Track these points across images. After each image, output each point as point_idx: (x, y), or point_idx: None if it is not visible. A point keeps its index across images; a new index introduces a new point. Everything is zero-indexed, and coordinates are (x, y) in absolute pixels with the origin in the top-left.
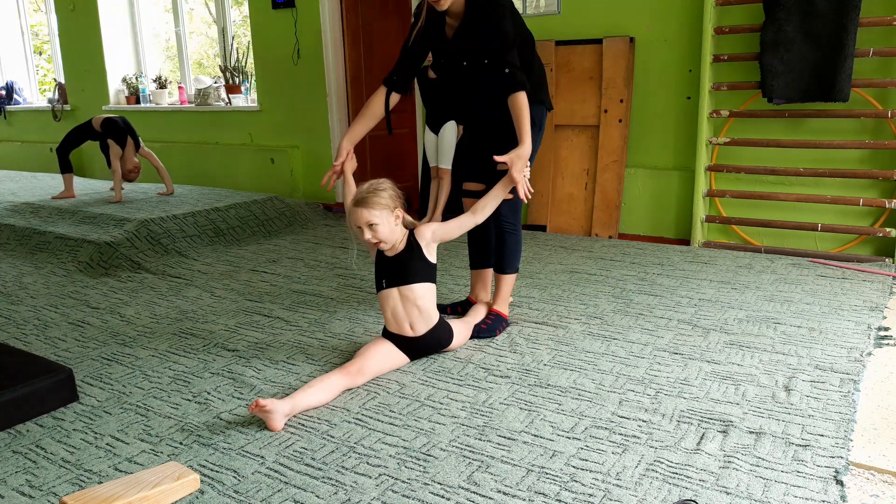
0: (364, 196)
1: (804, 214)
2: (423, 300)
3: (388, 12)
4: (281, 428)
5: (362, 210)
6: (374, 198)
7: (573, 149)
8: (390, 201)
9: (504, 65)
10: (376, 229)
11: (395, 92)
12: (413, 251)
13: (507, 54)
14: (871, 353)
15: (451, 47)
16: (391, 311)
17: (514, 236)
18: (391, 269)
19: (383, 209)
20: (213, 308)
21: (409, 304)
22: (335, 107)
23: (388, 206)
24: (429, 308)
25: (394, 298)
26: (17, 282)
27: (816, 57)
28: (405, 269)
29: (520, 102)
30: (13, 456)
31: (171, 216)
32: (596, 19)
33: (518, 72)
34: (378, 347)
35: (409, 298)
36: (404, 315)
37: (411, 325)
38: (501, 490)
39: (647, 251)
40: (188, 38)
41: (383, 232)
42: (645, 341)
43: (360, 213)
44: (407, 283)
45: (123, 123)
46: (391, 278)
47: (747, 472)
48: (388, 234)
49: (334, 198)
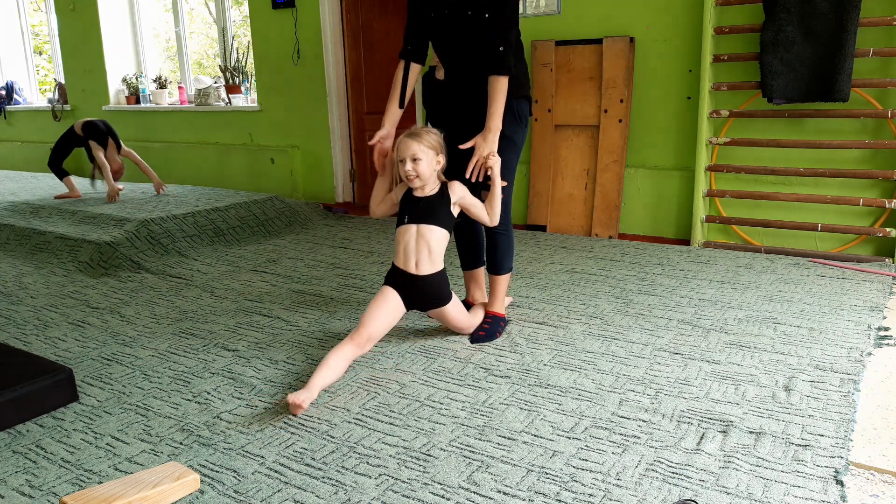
0: (417, 131)
1: (804, 214)
2: (436, 243)
3: (388, 12)
4: (302, 412)
5: (412, 142)
6: (426, 135)
7: (573, 149)
8: (437, 145)
9: (501, 41)
10: (419, 164)
11: (413, 62)
12: (443, 198)
13: (508, 29)
14: (871, 353)
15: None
16: (404, 244)
17: (505, 237)
18: (417, 208)
19: (430, 148)
20: (213, 308)
21: (422, 242)
22: (335, 107)
23: (435, 148)
24: (438, 252)
25: (410, 233)
26: (17, 282)
27: (816, 57)
28: (430, 211)
29: (499, 86)
30: (13, 456)
31: (171, 216)
32: (596, 19)
33: (510, 55)
34: (380, 305)
35: (424, 237)
36: (414, 250)
37: (418, 263)
38: (501, 490)
39: (647, 251)
40: (188, 38)
41: (424, 168)
42: (645, 341)
43: (410, 145)
44: (428, 223)
45: (104, 126)
46: (415, 215)
47: (747, 472)
48: (427, 173)
49: (334, 198)
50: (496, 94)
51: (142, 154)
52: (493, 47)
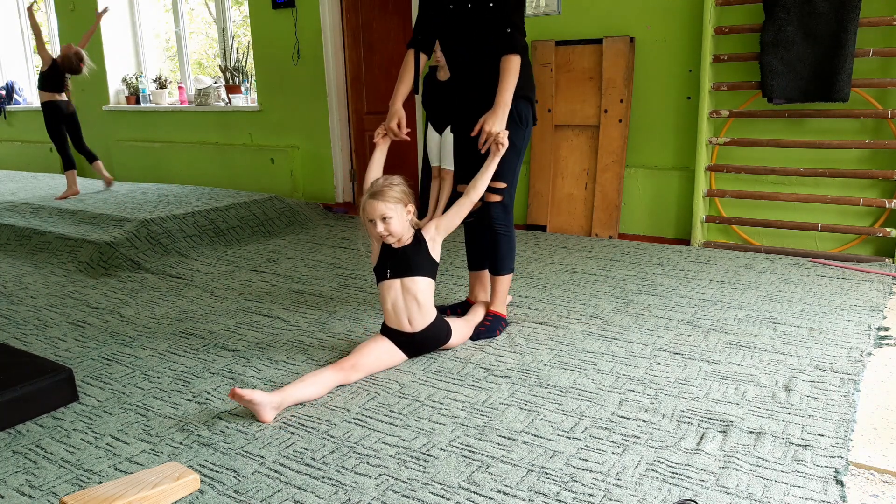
0: (380, 189)
1: (804, 214)
2: (423, 294)
3: (388, 12)
4: (271, 420)
5: (378, 203)
6: (389, 191)
7: (573, 149)
8: (404, 196)
9: (507, 23)
10: (389, 223)
11: (422, 52)
12: (420, 245)
13: (512, 13)
14: (871, 353)
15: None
16: (391, 302)
17: (506, 237)
18: (396, 261)
19: (397, 203)
20: (213, 308)
21: (409, 297)
22: (335, 107)
23: (402, 200)
24: (427, 303)
25: (395, 290)
26: (17, 282)
27: (816, 57)
28: (410, 262)
29: (511, 65)
30: (13, 456)
31: (171, 216)
32: (596, 19)
33: (519, 35)
34: (374, 345)
35: (410, 291)
36: (404, 308)
37: (410, 320)
38: (501, 490)
39: (647, 251)
40: (188, 38)
41: (395, 226)
42: (645, 341)
43: (376, 206)
44: (410, 275)
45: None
46: (395, 269)
47: (747, 472)
48: (400, 229)
49: (334, 198)
50: (506, 72)
51: (142, 153)
52: (500, 30)
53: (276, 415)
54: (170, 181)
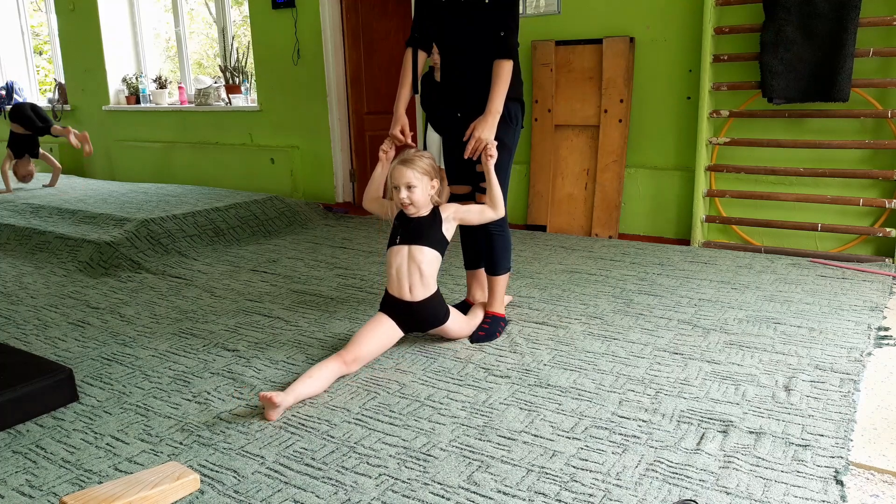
0: (411, 157)
1: (804, 214)
2: (427, 265)
3: (388, 12)
4: (276, 418)
5: (406, 170)
6: (419, 161)
7: (573, 149)
8: (431, 170)
9: (501, 25)
10: (413, 191)
11: (420, 50)
12: (435, 220)
13: (507, 14)
14: (871, 353)
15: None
16: (396, 268)
17: (502, 237)
18: (409, 229)
19: (424, 174)
20: (213, 308)
21: (413, 265)
22: (335, 107)
23: (429, 173)
24: (430, 275)
25: (402, 255)
26: (17, 282)
27: (816, 57)
28: (422, 232)
29: (503, 71)
30: (13, 456)
31: (171, 216)
32: (596, 19)
33: (512, 37)
34: (373, 329)
35: (415, 259)
36: (406, 274)
37: (411, 287)
38: (501, 490)
39: (647, 251)
40: (188, 38)
41: (419, 196)
42: (645, 341)
43: (404, 173)
44: (419, 244)
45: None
46: (406, 236)
47: (747, 472)
48: (422, 199)
49: (334, 198)
50: (498, 78)
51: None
52: (494, 32)
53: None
54: (170, 181)
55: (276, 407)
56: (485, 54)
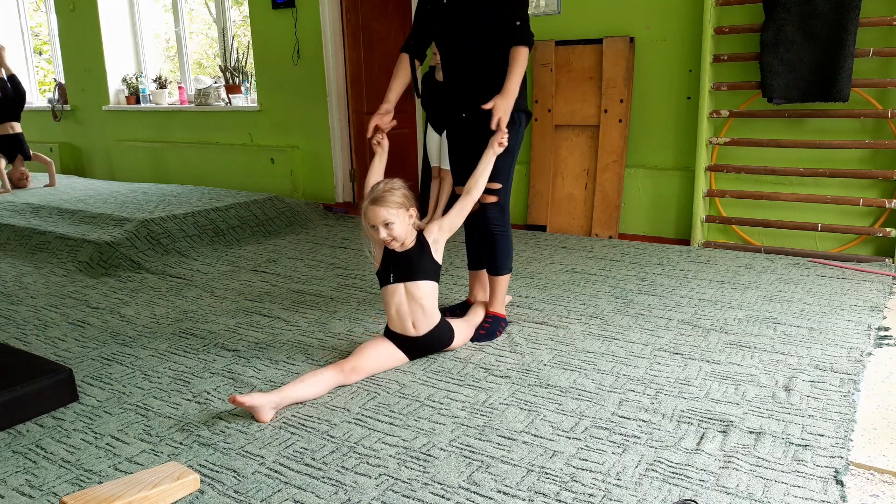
0: (381, 195)
1: (804, 214)
2: (427, 299)
3: (388, 12)
4: (269, 419)
5: (379, 209)
6: (390, 196)
7: (573, 149)
8: (405, 200)
9: (517, 17)
10: (392, 228)
11: (415, 57)
12: (423, 248)
13: (520, 7)
14: (871, 353)
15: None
16: (395, 307)
17: (504, 238)
18: (400, 265)
19: (399, 208)
20: (213, 308)
21: (413, 302)
22: (335, 107)
23: (404, 204)
24: (432, 307)
25: (399, 294)
26: (17, 282)
27: (816, 57)
28: (413, 266)
29: (521, 56)
30: (13, 456)
31: (171, 216)
32: (596, 19)
33: (528, 27)
34: (376, 346)
35: (414, 296)
36: (408, 312)
37: (414, 324)
38: (501, 490)
39: (647, 251)
40: (188, 38)
41: (398, 230)
42: (645, 341)
43: (377, 212)
44: (414, 280)
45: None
46: (399, 273)
47: (747, 472)
48: (403, 233)
49: (334, 198)
50: (515, 63)
51: (142, 153)
52: (509, 23)
53: (275, 414)
54: (170, 181)
55: (253, 408)
56: (486, 54)
